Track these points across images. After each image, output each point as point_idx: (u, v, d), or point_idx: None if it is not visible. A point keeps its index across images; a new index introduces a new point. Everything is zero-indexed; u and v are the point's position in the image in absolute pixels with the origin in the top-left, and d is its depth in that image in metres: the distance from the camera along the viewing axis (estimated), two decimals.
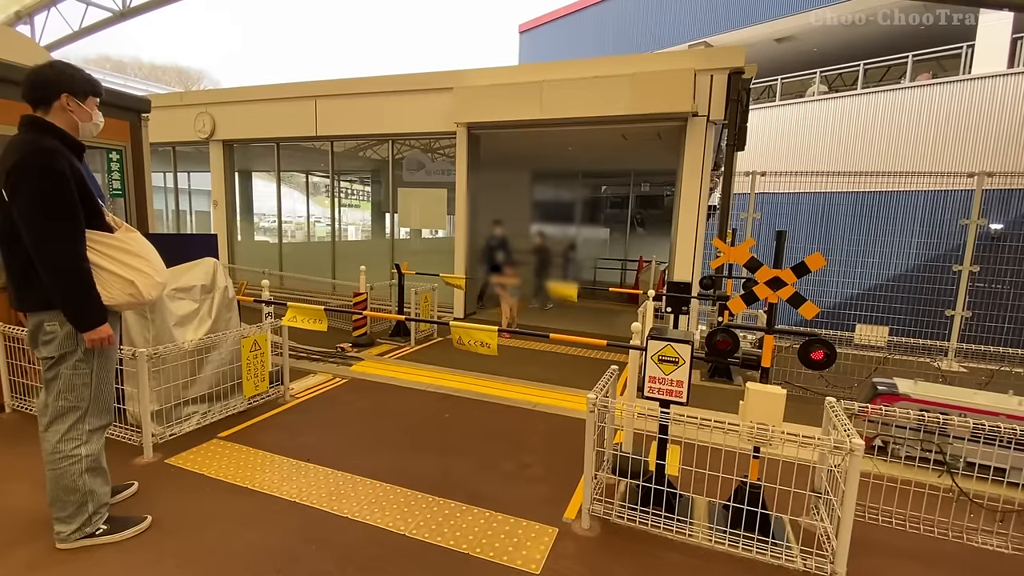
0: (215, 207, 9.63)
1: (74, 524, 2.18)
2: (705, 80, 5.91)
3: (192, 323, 3.39)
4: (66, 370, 2.10)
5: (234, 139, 9.31)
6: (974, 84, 10.58)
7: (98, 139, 4.06)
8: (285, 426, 3.57)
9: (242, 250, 10.12)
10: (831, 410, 2.40)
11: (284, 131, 8.70)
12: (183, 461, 3.00)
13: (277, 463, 3.02)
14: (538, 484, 2.89)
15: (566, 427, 3.71)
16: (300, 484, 2.79)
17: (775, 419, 2.22)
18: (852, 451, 1.99)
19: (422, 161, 8.89)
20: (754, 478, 2.43)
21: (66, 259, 1.97)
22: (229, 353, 3.60)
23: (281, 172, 9.53)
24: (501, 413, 3.97)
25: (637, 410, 2.40)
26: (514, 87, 6.56)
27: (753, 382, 2.34)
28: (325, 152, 8.90)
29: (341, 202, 10.87)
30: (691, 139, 6.08)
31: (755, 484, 2.42)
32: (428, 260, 8.81)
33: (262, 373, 3.77)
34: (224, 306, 3.59)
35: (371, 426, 3.64)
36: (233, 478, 2.84)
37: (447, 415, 3.85)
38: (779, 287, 2.29)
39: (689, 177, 6.14)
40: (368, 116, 7.92)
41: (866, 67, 12.86)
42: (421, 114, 7.51)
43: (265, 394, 3.86)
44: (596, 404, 2.35)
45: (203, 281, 3.48)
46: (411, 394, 4.33)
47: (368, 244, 10.95)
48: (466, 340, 3.12)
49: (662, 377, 2.43)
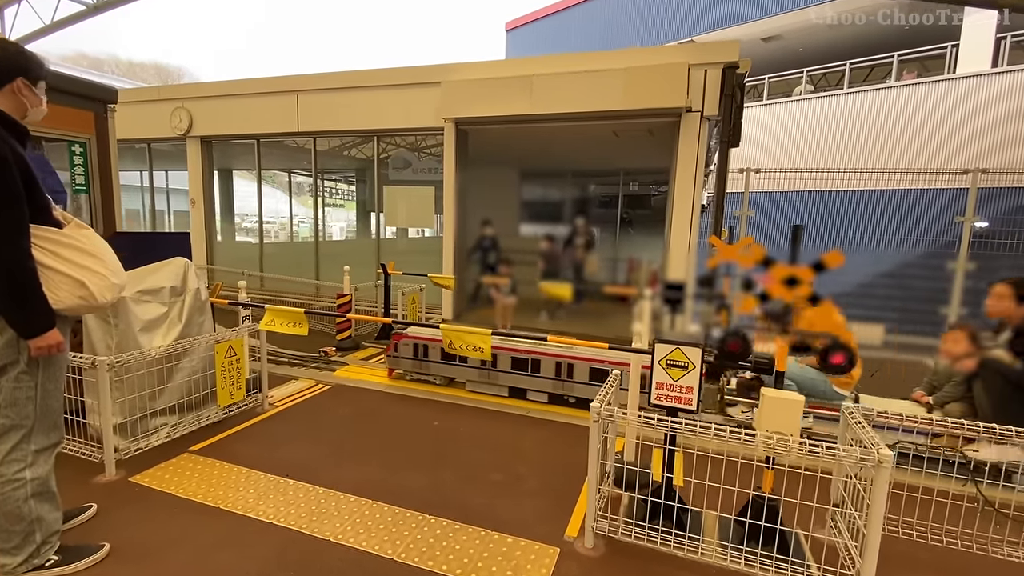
0: (193, 206, 9.28)
1: (20, 556, 1.94)
2: (699, 75, 5.78)
3: (160, 328, 3.14)
4: (7, 383, 1.86)
5: (212, 135, 8.97)
6: (959, 83, 10.66)
7: (60, 130, 3.78)
8: (263, 437, 3.34)
9: (222, 251, 9.77)
10: (849, 416, 2.25)
11: (264, 127, 8.39)
12: (149, 479, 2.76)
13: (253, 479, 2.79)
14: (535, 498, 2.70)
15: (560, 434, 3.54)
16: (277, 502, 2.57)
17: (793, 427, 2.07)
18: (880, 463, 1.84)
19: (408, 159, 8.66)
20: (768, 490, 2.28)
21: (8, 255, 1.73)
22: (202, 360, 3.35)
23: (262, 170, 9.22)
24: (492, 420, 3.77)
25: (635, 422, 2.23)
26: (503, 81, 6.37)
27: (768, 388, 2.18)
28: (308, 150, 8.62)
29: (325, 201, 10.60)
30: (685, 135, 5.95)
31: (770, 497, 2.27)
32: (416, 260, 8.56)
33: (238, 381, 3.53)
34: (196, 309, 3.34)
35: (355, 436, 3.42)
36: (204, 497, 2.60)
37: (436, 423, 3.65)
38: (795, 286, 2.13)
39: (683, 174, 6.01)
40: (352, 111, 7.66)
41: (852, 66, 12.94)
42: (407, 109, 7.28)
43: (242, 403, 3.61)
44: (601, 414, 2.17)
45: (172, 283, 3.23)
46: (398, 400, 4.11)
47: (353, 244, 10.67)
48: (457, 344, 2.92)
49: (670, 383, 2.27)
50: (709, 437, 2.01)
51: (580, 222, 5.29)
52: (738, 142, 5.67)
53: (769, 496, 2.27)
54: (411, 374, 4.56)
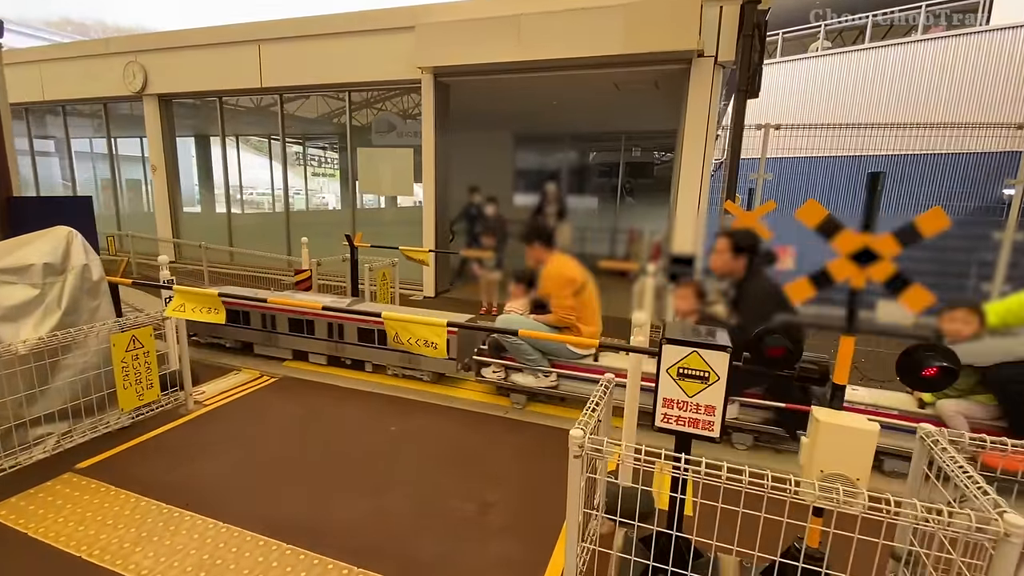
0: (154, 172, 8.50)
1: None
2: (713, 13, 4.95)
3: (31, 316, 2.48)
4: None
5: (170, 93, 8.12)
6: (994, 36, 9.70)
7: None
8: (174, 449, 2.71)
9: (191, 223, 9.05)
10: (934, 446, 1.60)
11: (226, 83, 7.54)
12: (7, 511, 2.14)
13: (141, 511, 2.17)
14: (503, 537, 2.09)
15: (543, 441, 2.91)
16: (161, 548, 1.95)
17: (861, 469, 1.43)
18: (1007, 536, 1.20)
19: (393, 122, 7.84)
20: (813, 543, 1.65)
21: None
22: (98, 354, 2.70)
23: (226, 135, 8.41)
24: (462, 422, 3.15)
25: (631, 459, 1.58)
26: (487, 22, 5.52)
27: (822, 408, 1.53)
28: (275, 112, 7.78)
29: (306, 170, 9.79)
30: (695, 86, 5.15)
31: (813, 551, 1.65)
32: (395, 232, 7.85)
33: (148, 378, 2.88)
34: (84, 292, 2.68)
35: (290, 446, 2.80)
36: (67, 539, 1.99)
37: (393, 428, 3.02)
38: (871, 262, 1.45)
39: (692, 131, 5.24)
40: (319, 63, 6.81)
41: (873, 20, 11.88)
42: (380, 59, 6.44)
43: (156, 404, 2.98)
44: (585, 447, 1.52)
45: (48, 259, 2.55)
46: (354, 397, 3.48)
47: (329, 215, 9.90)
48: (404, 338, 2.26)
49: (684, 400, 1.61)
50: (740, 486, 1.37)
51: (551, 188, 4.61)
52: (757, 92, 4.88)
53: (815, 549, 1.65)
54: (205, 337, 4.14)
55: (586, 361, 3.29)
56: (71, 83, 8.73)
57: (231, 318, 3.85)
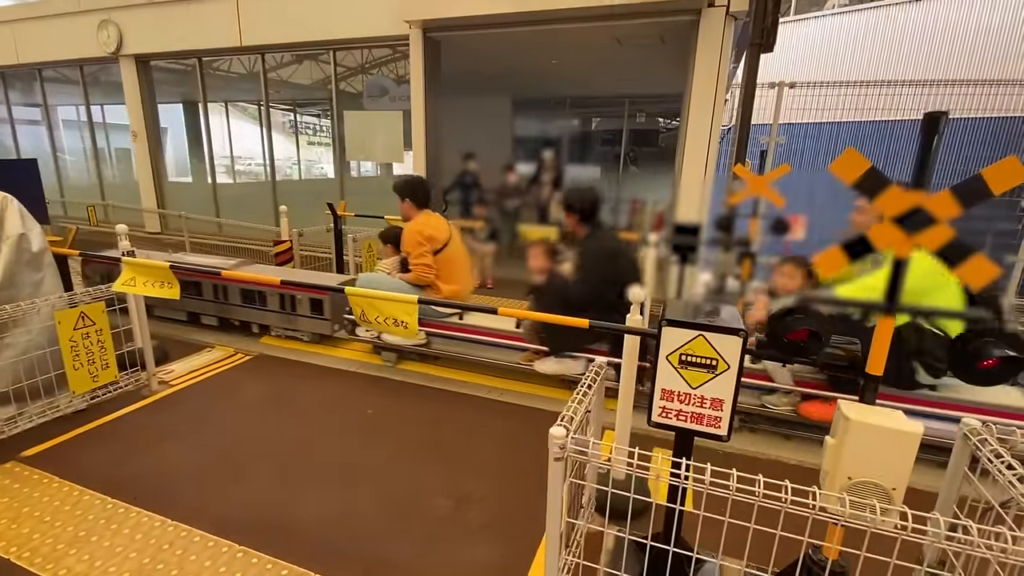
0: (135, 139, 8.13)
1: None
2: None
3: None
4: None
5: (147, 53, 7.67)
6: None
7: None
8: (129, 434, 2.50)
9: (177, 192, 8.72)
10: (980, 444, 1.35)
11: (204, 41, 7.09)
12: None
13: (84, 506, 1.97)
14: (483, 538, 1.88)
15: (531, 424, 2.69)
16: (99, 549, 1.75)
17: (898, 478, 1.18)
18: None
19: (385, 86, 7.41)
20: (833, 555, 1.43)
21: None
22: (41, 333, 2.46)
23: (211, 100, 8.00)
24: (445, 404, 2.93)
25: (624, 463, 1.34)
26: None
27: (851, 403, 1.28)
28: (257, 73, 7.35)
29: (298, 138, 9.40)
30: (704, 39, 4.73)
31: (833, 564, 1.42)
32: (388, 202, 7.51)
33: (103, 358, 2.65)
34: (24, 264, 2.42)
35: (256, 430, 2.58)
36: None
37: (370, 411, 2.80)
38: (922, 227, 1.17)
39: (700, 91, 4.85)
40: (301, 20, 6.36)
41: None
42: (366, 14, 5.99)
43: (114, 385, 2.76)
44: (567, 449, 1.27)
45: None
46: (331, 376, 3.26)
47: (320, 184, 9.54)
48: (371, 316, 2.00)
49: (686, 392, 1.36)
50: (753, 499, 1.13)
51: (548, 156, 4.41)
52: (772, 46, 4.47)
53: (834, 563, 1.43)
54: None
55: (452, 319, 3.30)
56: (45, 45, 8.28)
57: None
